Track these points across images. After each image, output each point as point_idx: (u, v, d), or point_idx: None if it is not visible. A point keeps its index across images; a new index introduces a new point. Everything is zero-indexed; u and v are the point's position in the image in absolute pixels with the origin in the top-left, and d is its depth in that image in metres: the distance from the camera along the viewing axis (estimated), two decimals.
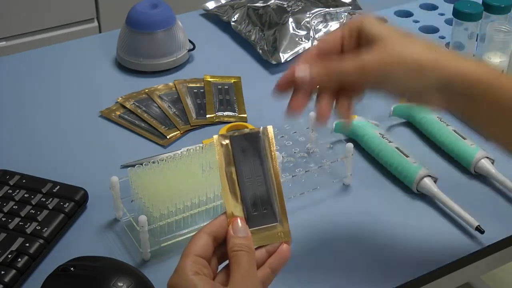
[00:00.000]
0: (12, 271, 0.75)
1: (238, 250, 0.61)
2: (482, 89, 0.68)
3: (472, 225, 0.82)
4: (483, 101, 0.68)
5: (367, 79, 0.69)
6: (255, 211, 0.64)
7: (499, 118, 0.69)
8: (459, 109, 0.71)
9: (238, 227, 0.63)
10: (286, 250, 0.64)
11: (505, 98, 0.68)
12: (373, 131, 0.93)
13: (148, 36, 1.09)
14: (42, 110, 1.03)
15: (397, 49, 0.69)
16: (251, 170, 0.65)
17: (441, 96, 0.69)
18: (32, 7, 1.87)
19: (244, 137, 0.65)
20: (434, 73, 0.68)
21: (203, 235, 0.62)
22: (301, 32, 1.13)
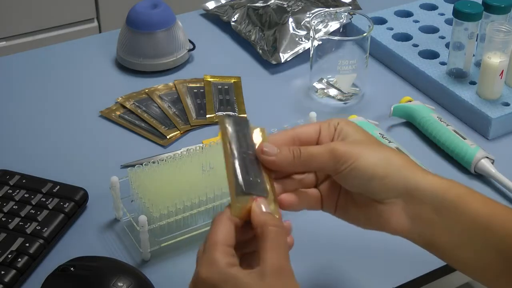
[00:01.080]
0: (12, 271, 0.75)
1: (274, 225, 0.59)
2: (448, 200, 0.64)
3: None
4: (447, 212, 0.64)
5: (337, 166, 0.64)
6: (248, 177, 0.63)
7: (461, 236, 0.64)
8: (421, 225, 0.65)
9: (264, 203, 0.61)
10: (289, 241, 0.62)
11: (468, 212, 0.63)
12: (373, 131, 0.93)
13: (148, 36, 1.09)
14: (42, 110, 1.03)
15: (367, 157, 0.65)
16: (242, 147, 0.65)
17: (404, 210, 0.65)
18: (32, 7, 1.87)
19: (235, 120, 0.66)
20: (402, 170, 0.65)
21: (226, 221, 0.60)
22: (301, 32, 1.13)
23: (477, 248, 0.64)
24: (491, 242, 0.63)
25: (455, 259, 0.66)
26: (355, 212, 0.68)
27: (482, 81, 1.00)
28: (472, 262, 0.64)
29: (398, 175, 0.64)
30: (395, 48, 1.11)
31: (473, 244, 0.64)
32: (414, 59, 1.08)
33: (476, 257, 0.64)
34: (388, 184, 0.64)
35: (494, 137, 0.98)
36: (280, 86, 1.08)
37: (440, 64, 1.07)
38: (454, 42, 1.02)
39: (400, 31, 1.15)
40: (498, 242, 0.63)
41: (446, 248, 0.65)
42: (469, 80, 1.04)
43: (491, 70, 0.98)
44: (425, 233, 0.65)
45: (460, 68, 1.04)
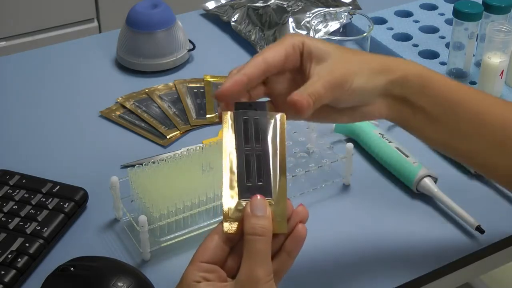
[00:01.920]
0: (12, 271, 0.75)
1: (252, 234, 0.58)
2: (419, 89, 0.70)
3: (472, 225, 0.82)
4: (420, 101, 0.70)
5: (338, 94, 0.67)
6: (249, 182, 0.61)
7: (431, 113, 0.70)
8: (395, 112, 0.71)
9: (257, 204, 0.60)
10: (301, 231, 0.61)
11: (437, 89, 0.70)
12: (373, 131, 0.93)
13: (148, 36, 1.09)
14: (42, 110, 1.03)
15: (347, 56, 0.69)
16: (251, 139, 0.63)
17: (382, 103, 0.70)
18: (32, 7, 1.87)
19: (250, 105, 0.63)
20: (384, 74, 0.69)
21: (213, 236, 0.60)
22: (301, 32, 1.13)
23: (441, 126, 0.70)
24: (454, 119, 0.70)
25: (422, 137, 0.73)
26: (337, 116, 0.70)
27: (482, 81, 1.00)
28: (437, 138, 0.72)
29: (381, 82, 0.69)
30: (395, 48, 1.11)
31: (438, 123, 0.70)
32: (414, 59, 1.08)
33: (440, 134, 0.71)
34: (377, 91, 0.69)
35: None
36: None
37: (440, 64, 1.07)
38: (454, 42, 1.02)
39: (400, 31, 1.15)
40: (459, 120, 0.70)
41: (415, 129, 0.72)
42: (469, 80, 1.04)
43: (491, 70, 0.98)
44: (397, 118, 0.71)
45: (460, 68, 1.04)
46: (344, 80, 0.67)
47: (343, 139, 0.95)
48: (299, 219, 0.62)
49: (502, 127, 0.71)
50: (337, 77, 0.66)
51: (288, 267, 0.61)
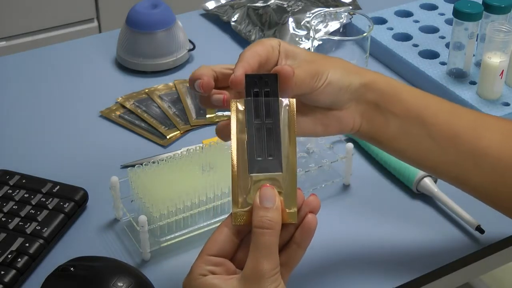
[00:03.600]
0: (12, 271, 0.75)
1: (259, 227, 0.58)
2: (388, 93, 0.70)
3: (472, 225, 0.82)
4: (386, 105, 0.69)
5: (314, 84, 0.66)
6: (259, 156, 0.61)
7: (399, 128, 0.70)
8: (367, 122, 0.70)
9: (267, 195, 0.59)
10: (311, 221, 0.61)
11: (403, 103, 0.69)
12: None
13: (148, 36, 1.09)
14: (42, 110, 1.03)
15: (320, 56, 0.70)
16: (261, 113, 0.62)
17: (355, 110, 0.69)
18: (32, 7, 1.87)
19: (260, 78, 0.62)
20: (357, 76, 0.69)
21: (223, 229, 0.60)
22: (301, 32, 1.13)
23: (412, 138, 0.70)
24: (425, 132, 0.69)
25: (394, 150, 0.71)
26: (311, 125, 0.69)
27: (482, 81, 1.00)
28: (410, 151, 0.71)
29: (356, 80, 0.69)
30: (395, 48, 1.11)
31: (409, 134, 0.70)
32: (414, 59, 1.08)
33: (413, 147, 0.70)
34: (351, 90, 0.68)
35: None
36: None
37: (440, 64, 1.07)
38: (454, 42, 1.02)
39: (400, 31, 1.15)
40: (431, 131, 0.69)
41: (386, 140, 0.70)
42: (469, 80, 1.04)
43: (491, 70, 0.98)
44: (370, 129, 0.70)
45: (460, 68, 1.04)
46: (321, 70, 0.66)
47: (343, 139, 0.95)
48: (309, 209, 0.61)
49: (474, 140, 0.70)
50: (315, 67, 0.66)
51: (299, 258, 0.61)
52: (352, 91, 0.69)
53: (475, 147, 0.70)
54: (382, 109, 0.69)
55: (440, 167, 0.72)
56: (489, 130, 0.71)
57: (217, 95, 0.65)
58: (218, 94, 0.65)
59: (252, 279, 0.57)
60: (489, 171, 0.70)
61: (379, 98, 0.69)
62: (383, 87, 0.70)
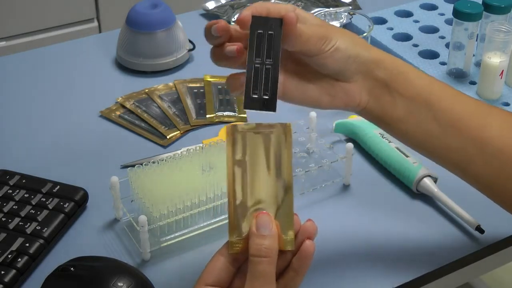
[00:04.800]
0: (12, 271, 0.75)
1: (256, 256, 0.57)
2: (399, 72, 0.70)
3: (472, 225, 0.82)
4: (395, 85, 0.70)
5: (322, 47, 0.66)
6: (255, 93, 0.62)
7: (405, 109, 0.70)
8: (375, 100, 0.70)
9: (263, 222, 0.58)
10: (309, 248, 0.60)
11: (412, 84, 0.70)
12: (373, 131, 0.93)
13: (148, 36, 1.09)
14: (42, 110, 1.03)
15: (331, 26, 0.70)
16: (262, 52, 0.62)
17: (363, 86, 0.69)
18: (32, 7, 1.87)
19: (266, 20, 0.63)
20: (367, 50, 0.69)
21: (218, 258, 0.59)
22: None
23: (418, 120, 0.70)
24: (431, 114, 0.69)
25: (399, 131, 0.71)
26: (317, 93, 0.69)
27: (482, 81, 1.00)
28: (414, 133, 0.71)
29: (365, 54, 0.69)
30: (395, 48, 1.11)
31: (415, 116, 0.70)
32: (414, 59, 1.08)
33: (418, 130, 0.70)
34: (358, 62, 0.68)
35: None
36: None
37: (440, 64, 1.07)
38: (454, 42, 1.02)
39: (400, 31, 1.15)
40: (436, 115, 0.69)
41: (392, 121, 0.70)
42: (469, 80, 1.04)
43: (491, 70, 0.98)
44: (377, 108, 0.70)
45: (460, 68, 1.04)
46: (330, 35, 0.67)
47: (343, 139, 0.95)
48: (307, 235, 0.61)
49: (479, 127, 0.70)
50: (323, 31, 0.67)
51: (297, 285, 0.60)
52: (360, 63, 0.68)
53: (479, 135, 0.70)
54: (390, 88, 0.69)
55: (443, 152, 0.72)
56: (493, 119, 0.71)
57: (230, 46, 0.66)
58: (231, 45, 0.66)
59: None
60: (490, 160, 0.70)
61: (388, 77, 0.69)
62: (392, 66, 0.70)
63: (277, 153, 0.61)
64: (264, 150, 0.61)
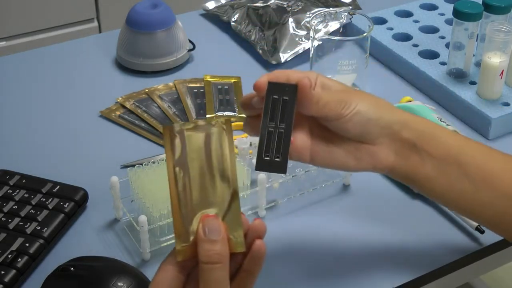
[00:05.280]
0: (12, 271, 0.75)
1: (207, 263, 0.55)
2: (426, 133, 0.70)
3: (472, 225, 0.82)
4: (425, 146, 0.69)
5: (342, 111, 0.67)
6: (267, 155, 0.64)
7: (436, 168, 0.69)
8: (403, 160, 0.70)
9: (211, 226, 0.56)
10: (260, 248, 0.57)
11: (442, 143, 0.70)
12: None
13: (148, 36, 1.09)
14: (42, 110, 1.03)
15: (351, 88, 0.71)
16: (276, 117, 0.65)
17: (389, 147, 0.69)
18: (32, 7, 1.87)
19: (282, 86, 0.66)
20: (389, 112, 0.70)
21: (167, 268, 0.57)
22: (301, 32, 1.13)
23: (449, 179, 0.70)
24: (462, 172, 0.69)
25: (430, 191, 0.71)
26: (343, 156, 0.69)
27: (482, 81, 1.00)
28: (445, 192, 0.71)
29: (387, 116, 0.69)
30: (395, 48, 1.11)
31: (446, 175, 0.70)
32: (414, 59, 1.08)
33: (449, 188, 0.70)
34: (381, 124, 0.69)
35: (494, 137, 0.98)
36: None
37: (440, 64, 1.07)
38: (454, 42, 1.02)
39: (400, 31, 1.15)
40: (468, 172, 0.69)
41: (422, 180, 0.70)
42: (469, 80, 1.04)
43: (491, 70, 0.98)
44: (405, 168, 0.70)
45: (460, 68, 1.04)
46: (350, 99, 0.68)
47: None
48: (257, 235, 0.58)
49: (510, 182, 0.70)
50: (343, 95, 0.68)
51: (251, 285, 0.58)
52: (383, 125, 0.69)
53: (511, 189, 0.70)
54: (418, 148, 0.69)
55: (476, 209, 0.71)
56: None
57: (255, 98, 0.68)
58: None
59: None
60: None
61: (416, 137, 0.69)
62: (418, 126, 0.70)
63: (219, 151, 0.59)
64: (205, 149, 0.58)
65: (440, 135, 0.70)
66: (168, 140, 0.58)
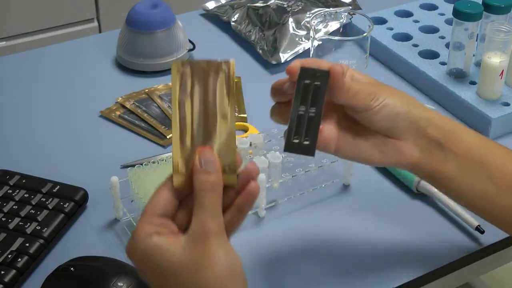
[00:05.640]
0: (12, 271, 0.75)
1: (202, 190, 0.59)
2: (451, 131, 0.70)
3: (472, 225, 0.82)
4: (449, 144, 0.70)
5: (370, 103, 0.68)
6: (296, 138, 0.65)
7: (458, 167, 0.70)
8: (427, 157, 0.70)
9: (206, 158, 0.59)
10: (254, 188, 0.61)
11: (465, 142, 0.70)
12: None
13: (148, 36, 1.09)
14: (42, 110, 1.03)
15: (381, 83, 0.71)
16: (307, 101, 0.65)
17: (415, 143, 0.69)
18: (32, 7, 1.87)
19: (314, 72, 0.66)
20: (417, 108, 0.70)
21: (163, 190, 0.60)
22: (301, 32, 1.13)
23: (471, 179, 0.70)
24: (485, 174, 0.69)
25: (452, 190, 0.72)
26: (369, 150, 0.70)
27: (482, 81, 1.00)
28: (467, 192, 0.71)
29: (415, 111, 0.69)
30: (395, 48, 1.11)
31: (468, 175, 0.70)
32: (414, 59, 1.08)
33: (471, 188, 0.70)
34: (409, 119, 0.69)
35: (494, 137, 0.98)
36: None
37: (440, 64, 1.07)
38: (454, 42, 1.02)
39: (400, 31, 1.15)
40: (491, 174, 0.69)
41: (444, 179, 0.70)
42: (469, 80, 1.04)
43: (491, 70, 0.98)
44: (429, 165, 0.70)
45: (460, 68, 1.04)
46: (379, 92, 0.68)
47: None
48: (250, 176, 0.61)
49: None
50: (372, 88, 0.68)
51: (239, 224, 0.61)
52: (410, 121, 0.69)
53: None
54: (443, 146, 0.69)
55: (496, 211, 0.71)
56: None
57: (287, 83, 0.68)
58: None
59: (199, 237, 0.58)
60: None
61: (441, 135, 0.69)
62: (443, 124, 0.70)
63: (222, 91, 0.61)
64: (209, 87, 0.61)
65: (464, 135, 0.71)
66: (176, 74, 0.61)
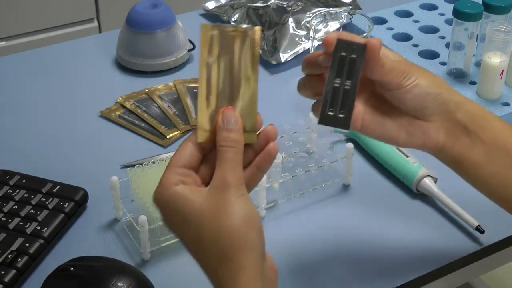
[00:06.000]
0: (12, 271, 0.75)
1: (224, 146, 0.61)
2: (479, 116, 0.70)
3: (472, 225, 0.82)
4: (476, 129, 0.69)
5: (403, 81, 0.68)
6: (330, 111, 0.65)
7: (484, 153, 0.69)
8: (453, 141, 0.70)
9: (229, 117, 0.62)
10: (273, 148, 0.63)
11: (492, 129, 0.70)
12: None
13: (148, 36, 1.09)
14: (42, 110, 1.03)
15: None
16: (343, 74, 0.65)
17: (442, 126, 0.69)
18: (32, 7, 1.87)
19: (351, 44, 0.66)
20: (448, 90, 0.69)
21: (187, 144, 0.62)
22: (301, 32, 1.13)
23: (496, 166, 0.69)
24: (510, 161, 0.69)
25: (476, 178, 0.71)
26: (396, 130, 0.69)
27: (482, 81, 1.00)
28: (491, 180, 0.70)
29: (446, 93, 0.69)
30: (395, 48, 1.11)
31: (493, 162, 0.69)
32: (414, 59, 1.08)
33: (495, 175, 0.70)
34: (439, 101, 0.69)
35: None
36: (280, 86, 1.08)
37: (440, 64, 1.07)
38: (454, 42, 1.02)
39: (400, 31, 1.15)
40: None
41: (469, 165, 0.70)
42: (469, 80, 1.04)
43: (491, 70, 0.98)
44: (455, 149, 0.70)
45: (460, 68, 1.04)
46: (411, 72, 0.68)
47: (343, 139, 0.95)
48: (269, 137, 0.63)
49: None
50: (405, 67, 0.68)
51: (257, 181, 0.64)
52: (440, 102, 0.69)
53: None
54: (469, 130, 0.69)
55: None
56: None
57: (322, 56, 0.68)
58: None
59: (220, 188, 0.60)
60: None
61: (469, 120, 0.69)
62: (471, 108, 0.70)
63: (247, 56, 0.63)
64: (236, 51, 0.62)
65: (491, 121, 0.70)
66: (204, 36, 0.62)
